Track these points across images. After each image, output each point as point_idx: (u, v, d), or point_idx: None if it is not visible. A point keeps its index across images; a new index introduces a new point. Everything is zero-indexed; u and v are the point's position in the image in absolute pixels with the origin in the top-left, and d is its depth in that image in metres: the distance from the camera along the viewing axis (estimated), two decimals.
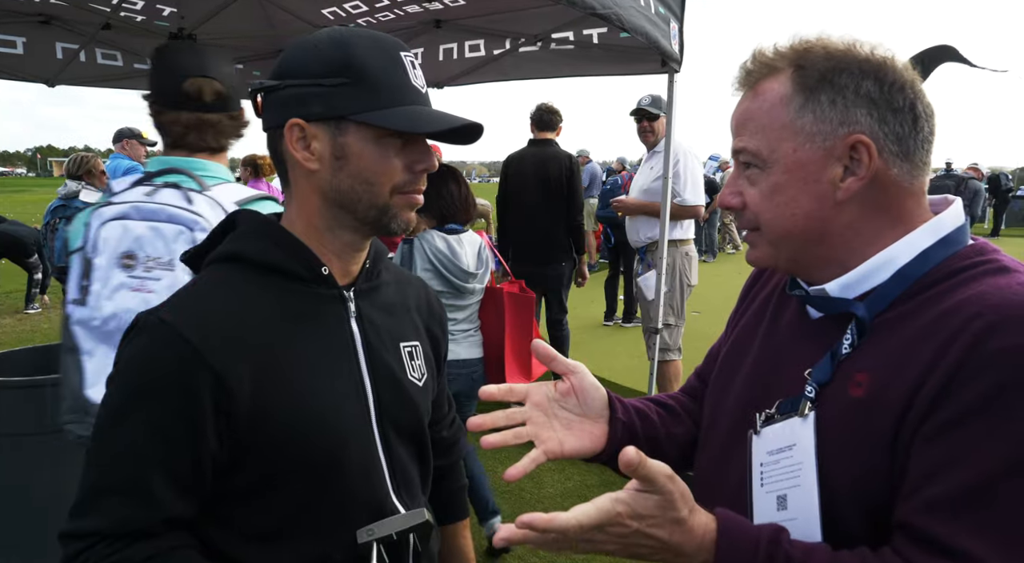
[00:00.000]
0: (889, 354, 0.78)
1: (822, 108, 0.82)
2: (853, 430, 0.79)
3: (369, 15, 3.37)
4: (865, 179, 0.82)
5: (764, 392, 0.92)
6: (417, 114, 0.93)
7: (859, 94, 0.81)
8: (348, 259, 1.02)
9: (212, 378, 0.86)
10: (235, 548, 0.92)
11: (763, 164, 0.86)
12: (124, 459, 0.86)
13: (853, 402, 0.80)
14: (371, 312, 1.04)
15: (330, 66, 0.91)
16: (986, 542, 0.68)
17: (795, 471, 0.83)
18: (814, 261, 0.88)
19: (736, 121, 0.90)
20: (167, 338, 0.87)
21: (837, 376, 0.83)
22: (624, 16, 2.54)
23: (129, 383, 0.88)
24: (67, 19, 3.54)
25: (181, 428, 0.86)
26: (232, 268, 0.96)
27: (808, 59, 0.84)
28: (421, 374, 1.10)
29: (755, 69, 0.88)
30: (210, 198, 1.52)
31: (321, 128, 0.92)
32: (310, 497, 0.94)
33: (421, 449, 1.12)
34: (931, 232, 0.83)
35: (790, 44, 0.87)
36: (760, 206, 0.87)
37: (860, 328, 0.82)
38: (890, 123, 0.81)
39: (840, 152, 0.82)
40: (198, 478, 0.88)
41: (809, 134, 0.83)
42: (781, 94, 0.84)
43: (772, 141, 0.85)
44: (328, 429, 0.94)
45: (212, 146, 1.63)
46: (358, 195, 0.94)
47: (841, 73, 0.82)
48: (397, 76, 0.93)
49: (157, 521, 0.86)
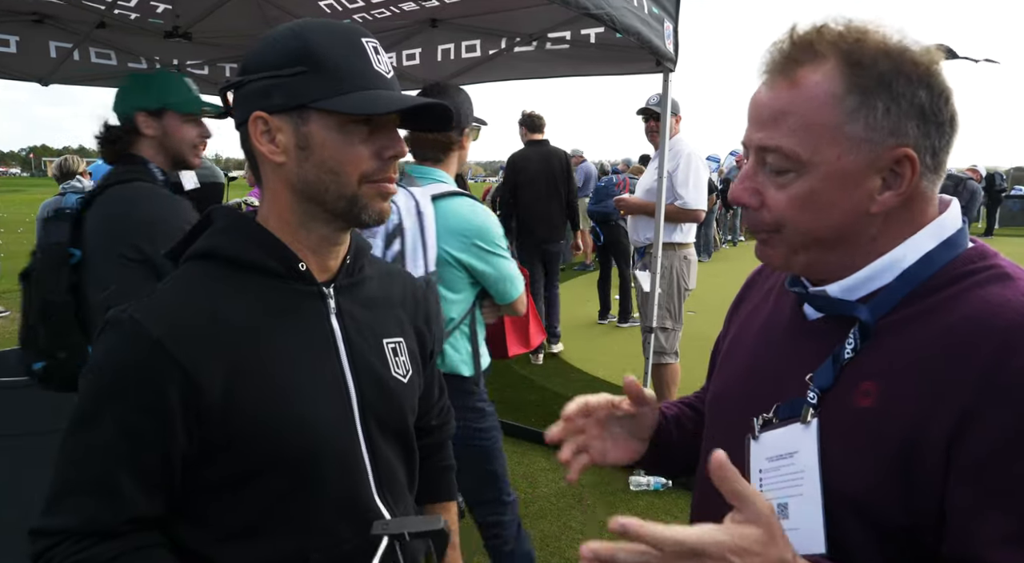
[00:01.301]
0: (898, 363, 0.75)
1: (876, 115, 0.75)
2: (862, 441, 0.75)
3: (365, 11, 3.37)
4: (904, 195, 0.77)
5: (762, 396, 0.88)
6: (376, 97, 0.91)
7: (912, 104, 0.75)
8: (325, 254, 1.01)
9: (180, 374, 0.85)
10: (208, 547, 0.92)
11: (798, 167, 0.78)
12: (92, 458, 0.86)
13: (861, 411, 0.76)
14: (352, 308, 1.03)
15: (288, 56, 0.90)
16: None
17: (797, 479, 0.79)
18: (829, 266, 0.84)
19: (767, 112, 0.79)
20: (134, 335, 0.86)
21: (840, 382, 0.79)
22: (616, 16, 2.54)
23: (97, 381, 0.88)
24: (61, 18, 3.53)
25: (149, 425, 0.86)
26: (206, 265, 0.96)
27: (864, 54, 0.75)
28: (406, 371, 1.09)
29: (795, 53, 0.78)
30: (405, 188, 2.06)
31: (284, 120, 0.91)
32: (286, 495, 0.93)
33: (407, 448, 1.10)
34: (934, 235, 0.80)
35: (840, 29, 0.77)
36: (787, 212, 0.80)
37: (864, 332, 0.78)
38: (932, 137, 0.77)
39: (883, 164, 0.76)
40: (167, 476, 0.88)
41: (857, 141, 0.76)
42: (830, 91, 0.75)
43: (815, 143, 0.76)
44: (306, 426, 0.93)
45: (432, 157, 2.19)
46: (325, 186, 0.93)
47: (899, 77, 0.74)
48: (357, 62, 0.92)
49: (124, 520, 0.86)
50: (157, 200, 1.85)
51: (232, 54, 4.34)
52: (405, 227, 2.08)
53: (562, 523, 3.30)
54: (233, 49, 4.24)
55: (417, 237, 2.07)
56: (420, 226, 2.06)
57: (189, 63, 4.36)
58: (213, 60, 4.41)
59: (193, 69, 4.43)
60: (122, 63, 4.13)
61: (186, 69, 4.39)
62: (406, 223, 2.08)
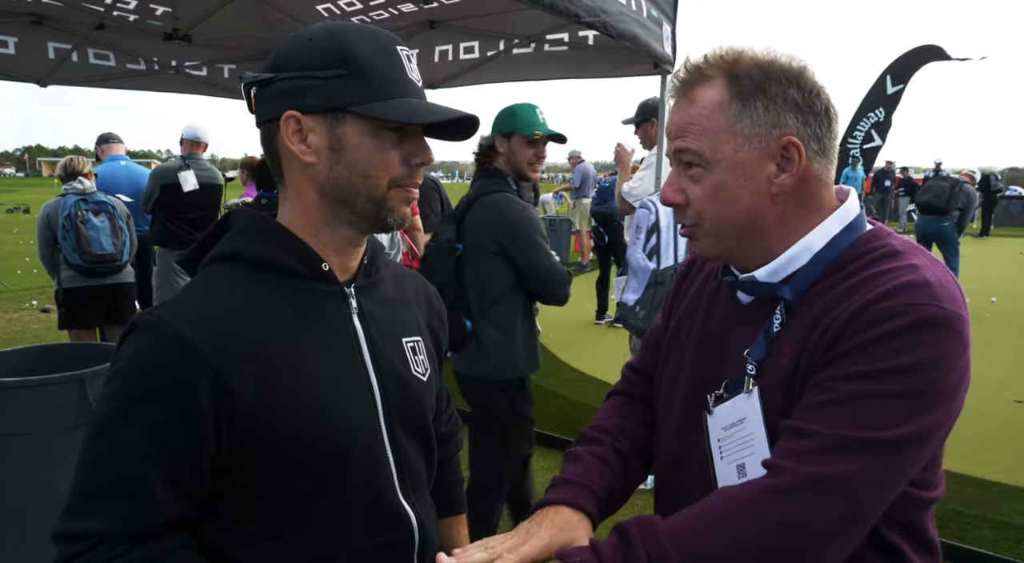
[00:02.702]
0: (806, 326, 0.90)
1: (758, 113, 0.91)
2: (787, 395, 0.90)
3: (363, 13, 3.38)
4: (797, 175, 0.93)
5: (711, 376, 1.01)
6: (416, 106, 0.92)
7: (787, 100, 0.92)
8: (347, 255, 1.01)
9: (212, 377, 0.85)
10: (236, 549, 0.91)
11: (706, 164, 0.94)
12: (124, 459, 0.84)
13: (783, 371, 0.91)
14: (372, 308, 1.03)
15: (326, 58, 0.90)
16: (822, 421, 0.83)
17: (749, 441, 0.93)
18: (748, 250, 0.98)
19: (676, 125, 0.97)
20: (166, 338, 0.86)
21: (771, 352, 0.94)
22: (611, 23, 2.55)
23: (128, 383, 0.86)
24: (59, 19, 3.53)
25: (180, 429, 0.85)
26: (231, 267, 0.96)
27: (740, 69, 0.93)
28: (425, 369, 1.10)
29: (689, 78, 0.96)
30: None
31: (318, 121, 0.91)
32: (315, 496, 0.93)
33: (427, 445, 1.11)
34: (838, 220, 0.95)
35: (719, 54, 0.95)
36: (703, 203, 0.95)
37: (787, 308, 0.94)
38: (811, 125, 0.93)
39: (774, 151, 0.92)
40: (197, 479, 0.87)
41: (747, 136, 0.92)
42: (718, 100, 0.93)
43: (714, 142, 0.93)
44: (335, 426, 0.93)
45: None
46: (355, 188, 0.94)
47: (771, 82, 0.92)
48: (394, 69, 0.93)
49: (158, 523, 0.85)
50: (516, 207, 2.46)
51: (230, 55, 4.34)
52: (661, 226, 2.76)
53: None
54: (232, 50, 4.25)
55: (671, 234, 2.76)
56: (673, 224, 2.56)
57: (188, 64, 4.36)
58: (212, 61, 4.40)
59: (191, 70, 4.42)
60: (120, 64, 4.12)
61: (184, 70, 4.39)
62: (662, 222, 2.75)
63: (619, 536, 0.86)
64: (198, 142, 4.97)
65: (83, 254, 4.05)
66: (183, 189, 4.71)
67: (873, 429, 0.81)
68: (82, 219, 4.04)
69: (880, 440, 0.81)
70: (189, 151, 4.94)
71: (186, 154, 4.93)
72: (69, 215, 4.02)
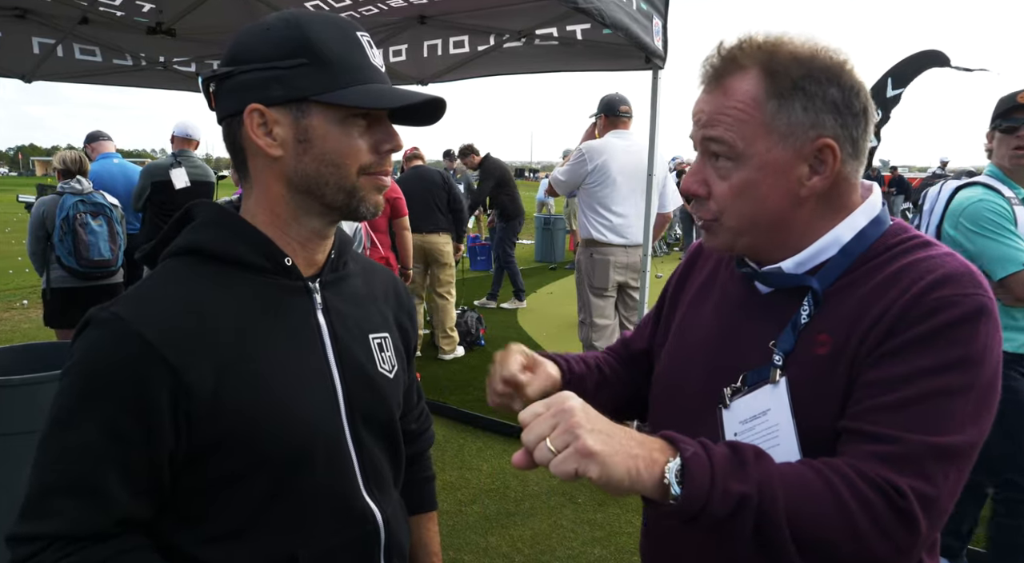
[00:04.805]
0: (844, 315, 0.88)
1: (795, 113, 0.87)
2: (824, 382, 0.87)
3: (352, 9, 3.34)
4: (829, 179, 0.90)
5: (727, 368, 0.97)
6: (382, 92, 0.91)
7: (826, 100, 0.87)
8: (313, 249, 0.99)
9: (168, 374, 0.83)
10: (196, 548, 0.89)
11: (736, 157, 0.90)
12: (77, 459, 0.82)
13: (819, 359, 0.88)
14: (338, 303, 1.02)
15: (286, 48, 0.88)
16: (899, 425, 0.80)
17: (772, 432, 0.90)
18: (770, 247, 0.95)
19: (707, 115, 0.92)
20: (120, 334, 0.83)
21: (800, 343, 0.90)
22: (606, 11, 2.53)
23: (81, 380, 0.84)
24: (43, 13, 3.49)
25: (136, 427, 0.83)
26: (191, 261, 0.93)
27: (778, 62, 0.88)
28: (391, 366, 1.08)
29: (723, 66, 0.91)
30: None
31: (282, 112, 0.89)
32: (275, 492, 0.91)
33: (393, 443, 1.09)
34: (865, 214, 0.94)
35: (757, 43, 0.90)
36: (728, 200, 0.92)
37: (816, 298, 0.91)
38: (849, 127, 0.89)
39: (808, 153, 0.88)
40: (154, 477, 0.85)
41: (782, 135, 0.88)
42: (754, 96, 0.88)
43: (748, 137, 0.89)
44: (296, 423, 0.92)
45: None
46: (325, 179, 0.92)
47: (811, 80, 0.87)
48: (356, 55, 0.91)
49: (112, 523, 0.83)
50: None
51: (219, 51, 4.30)
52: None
53: (553, 521, 3.29)
54: (220, 45, 4.21)
55: None
56: None
57: (176, 59, 4.32)
58: (200, 56, 4.37)
59: (180, 66, 4.39)
60: (107, 59, 4.08)
61: (173, 65, 4.35)
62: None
63: (731, 451, 0.81)
64: (189, 139, 4.93)
65: (80, 259, 3.95)
66: (174, 186, 4.66)
67: (949, 433, 0.80)
68: (81, 222, 3.92)
69: (956, 446, 0.80)
70: (180, 148, 4.88)
71: (177, 151, 4.87)
72: (67, 217, 3.90)
